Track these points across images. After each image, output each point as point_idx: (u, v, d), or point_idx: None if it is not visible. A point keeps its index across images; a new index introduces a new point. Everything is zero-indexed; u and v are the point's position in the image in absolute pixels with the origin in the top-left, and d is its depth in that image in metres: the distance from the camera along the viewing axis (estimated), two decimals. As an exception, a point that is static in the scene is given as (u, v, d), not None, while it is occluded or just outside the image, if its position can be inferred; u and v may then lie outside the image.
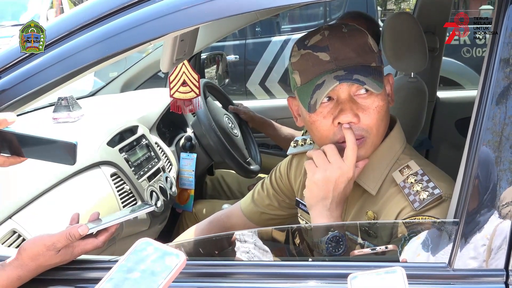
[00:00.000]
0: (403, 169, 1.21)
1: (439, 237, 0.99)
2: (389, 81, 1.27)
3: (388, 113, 1.25)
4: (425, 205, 1.13)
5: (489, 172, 0.96)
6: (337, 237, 1.10)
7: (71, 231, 1.08)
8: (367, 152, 1.22)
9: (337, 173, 1.17)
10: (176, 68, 1.77)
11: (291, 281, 1.02)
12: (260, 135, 2.77)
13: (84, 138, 1.83)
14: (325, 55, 1.18)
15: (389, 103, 1.26)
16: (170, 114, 2.36)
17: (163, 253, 0.77)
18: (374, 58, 1.20)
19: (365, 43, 1.20)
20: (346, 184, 1.19)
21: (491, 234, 0.94)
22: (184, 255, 0.76)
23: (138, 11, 1.04)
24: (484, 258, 0.94)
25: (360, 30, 1.23)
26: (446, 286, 0.96)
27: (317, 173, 1.19)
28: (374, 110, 1.19)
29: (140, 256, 0.77)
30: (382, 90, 1.17)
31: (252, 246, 1.18)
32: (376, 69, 1.19)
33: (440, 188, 1.14)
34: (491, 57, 0.99)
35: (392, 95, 1.28)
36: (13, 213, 1.39)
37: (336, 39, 1.19)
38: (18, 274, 1.06)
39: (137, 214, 1.25)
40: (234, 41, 6.15)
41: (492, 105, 0.97)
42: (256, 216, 1.59)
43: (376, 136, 1.22)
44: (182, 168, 2.39)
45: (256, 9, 1.02)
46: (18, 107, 1.18)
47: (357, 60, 1.18)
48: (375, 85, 1.16)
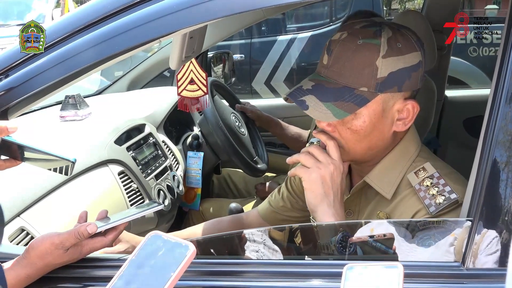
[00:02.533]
0: (419, 171, 1.18)
1: (452, 236, 0.98)
2: (413, 109, 1.18)
3: (375, 137, 1.18)
4: (441, 210, 1.10)
5: (502, 171, 0.95)
6: (347, 237, 1.09)
7: (80, 230, 1.08)
8: (342, 157, 1.20)
9: (331, 168, 1.17)
10: (184, 66, 1.76)
11: (296, 279, 1.02)
12: (266, 134, 2.76)
13: (92, 136, 1.83)
14: (326, 58, 1.17)
15: (397, 127, 1.19)
16: (177, 113, 2.36)
17: (172, 245, 0.77)
18: (370, 83, 1.12)
19: (368, 64, 1.11)
20: (341, 179, 1.19)
21: (504, 233, 0.93)
22: (193, 246, 0.76)
23: (148, 7, 1.03)
24: (497, 258, 0.93)
25: (373, 48, 1.11)
26: (459, 286, 0.95)
27: (312, 173, 1.18)
28: (347, 130, 1.17)
29: (150, 250, 0.77)
30: (336, 120, 1.13)
31: (261, 245, 1.17)
32: (361, 95, 1.12)
33: (456, 193, 1.11)
34: (505, 56, 0.97)
35: (409, 121, 1.19)
36: (21, 211, 1.38)
37: (343, 48, 1.14)
38: (26, 273, 1.05)
39: (146, 212, 1.24)
40: (239, 40, 6.14)
41: (506, 104, 0.96)
42: (271, 216, 1.59)
43: (351, 150, 1.20)
44: (189, 167, 2.39)
45: (268, 6, 1.01)
46: (25, 105, 1.17)
47: (345, 79, 1.13)
48: (326, 114, 1.12)
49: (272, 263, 1.12)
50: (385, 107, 1.15)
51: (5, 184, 1.38)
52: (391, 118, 1.18)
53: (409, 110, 1.18)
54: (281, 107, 3.08)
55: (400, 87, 1.14)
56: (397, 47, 1.12)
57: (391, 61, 1.12)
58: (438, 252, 0.98)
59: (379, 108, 1.14)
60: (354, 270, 0.77)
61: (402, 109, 1.17)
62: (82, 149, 1.71)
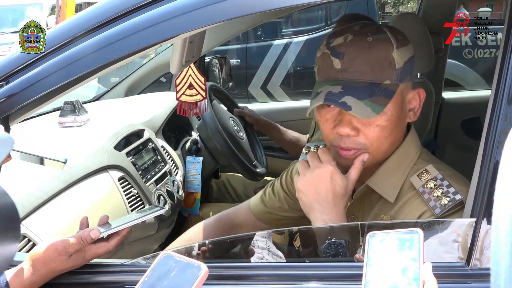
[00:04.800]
0: (421, 173, 1.18)
1: (456, 236, 0.98)
2: (420, 96, 1.21)
3: (398, 130, 1.19)
4: (447, 211, 1.10)
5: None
6: (335, 244, 1.09)
7: (83, 235, 1.07)
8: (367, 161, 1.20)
9: (316, 173, 1.17)
10: (182, 71, 1.76)
11: (292, 282, 1.02)
12: (264, 138, 2.77)
13: (91, 142, 1.83)
14: (338, 62, 1.15)
15: (409, 118, 1.22)
16: (175, 118, 2.36)
17: (185, 266, 0.77)
18: (391, 75, 1.14)
19: (386, 57, 1.13)
20: (330, 181, 1.17)
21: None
22: (205, 266, 0.76)
23: (150, 12, 1.04)
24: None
25: (386, 42, 1.14)
26: (464, 286, 0.95)
27: (299, 180, 1.20)
28: (375, 128, 1.15)
29: (162, 270, 0.77)
30: (376, 116, 1.11)
31: (266, 252, 1.17)
32: (387, 88, 1.13)
33: (461, 193, 1.11)
34: (505, 56, 0.98)
35: (418, 109, 1.23)
36: (23, 217, 1.38)
37: (355, 48, 1.14)
38: (30, 280, 1.05)
39: (148, 217, 1.24)
40: (235, 44, 6.15)
41: (507, 105, 0.96)
42: (266, 216, 1.58)
43: (376, 151, 1.19)
44: (188, 172, 2.38)
45: (267, 9, 1.01)
46: (27, 112, 1.17)
47: (368, 76, 1.13)
48: (367, 111, 1.10)
49: (273, 266, 1.13)
50: (403, 97, 1.18)
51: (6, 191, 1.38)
52: (406, 109, 1.20)
53: (417, 99, 1.22)
54: (279, 111, 3.08)
55: (411, 76, 1.19)
56: (400, 39, 1.16)
57: (403, 51, 1.15)
58: (442, 252, 0.98)
59: (399, 99, 1.17)
60: (375, 238, 0.79)
61: (411, 99, 1.21)
62: (82, 155, 1.71)
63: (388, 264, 0.75)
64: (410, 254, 0.75)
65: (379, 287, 0.73)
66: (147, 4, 1.06)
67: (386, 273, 0.74)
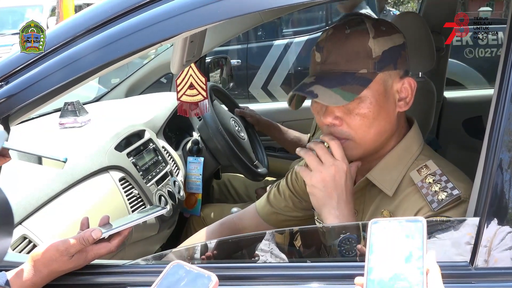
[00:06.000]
0: (421, 169, 1.19)
1: (460, 236, 0.97)
2: (411, 85, 1.22)
3: (384, 119, 1.20)
4: (444, 206, 1.11)
5: (509, 170, 0.95)
6: (349, 239, 1.09)
7: (85, 236, 1.07)
8: (352, 154, 1.22)
9: (332, 170, 1.18)
10: (183, 71, 1.75)
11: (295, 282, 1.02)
12: (266, 138, 2.76)
13: (92, 142, 1.82)
14: (319, 56, 1.21)
15: (399, 107, 1.22)
16: (176, 118, 2.35)
17: (195, 276, 0.76)
18: (367, 64, 1.16)
19: (362, 47, 1.16)
20: (345, 179, 1.19)
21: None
22: (215, 276, 0.75)
23: (149, 11, 1.03)
24: (507, 256, 0.92)
25: (363, 33, 1.17)
26: (468, 285, 0.94)
27: (313, 176, 1.20)
28: (356, 116, 1.18)
29: (172, 280, 0.77)
30: (346, 103, 1.14)
31: (269, 254, 1.16)
32: (363, 76, 1.16)
33: (459, 189, 1.12)
34: (508, 55, 0.97)
35: (410, 99, 1.23)
36: (23, 219, 1.38)
37: (333, 41, 1.19)
38: (31, 281, 1.04)
39: (149, 217, 1.24)
40: (236, 45, 6.14)
41: (511, 104, 0.96)
42: (272, 217, 1.58)
43: (362, 140, 1.20)
44: (189, 172, 2.37)
45: (267, 8, 1.01)
46: (27, 112, 1.16)
47: (342, 66, 1.17)
48: (335, 98, 1.14)
49: (275, 267, 1.12)
50: (386, 86, 1.19)
51: (7, 192, 1.37)
52: (393, 99, 1.21)
53: (407, 88, 1.22)
54: (280, 111, 3.08)
55: (395, 65, 1.19)
56: (382, 29, 1.19)
57: (382, 40, 1.18)
58: (446, 251, 0.97)
59: (381, 88, 1.18)
60: (378, 225, 0.78)
61: (401, 89, 1.21)
62: (83, 155, 1.70)
63: (391, 252, 0.75)
64: (413, 242, 0.75)
65: (382, 275, 0.73)
66: (147, 3, 1.05)
67: (389, 261, 0.74)
